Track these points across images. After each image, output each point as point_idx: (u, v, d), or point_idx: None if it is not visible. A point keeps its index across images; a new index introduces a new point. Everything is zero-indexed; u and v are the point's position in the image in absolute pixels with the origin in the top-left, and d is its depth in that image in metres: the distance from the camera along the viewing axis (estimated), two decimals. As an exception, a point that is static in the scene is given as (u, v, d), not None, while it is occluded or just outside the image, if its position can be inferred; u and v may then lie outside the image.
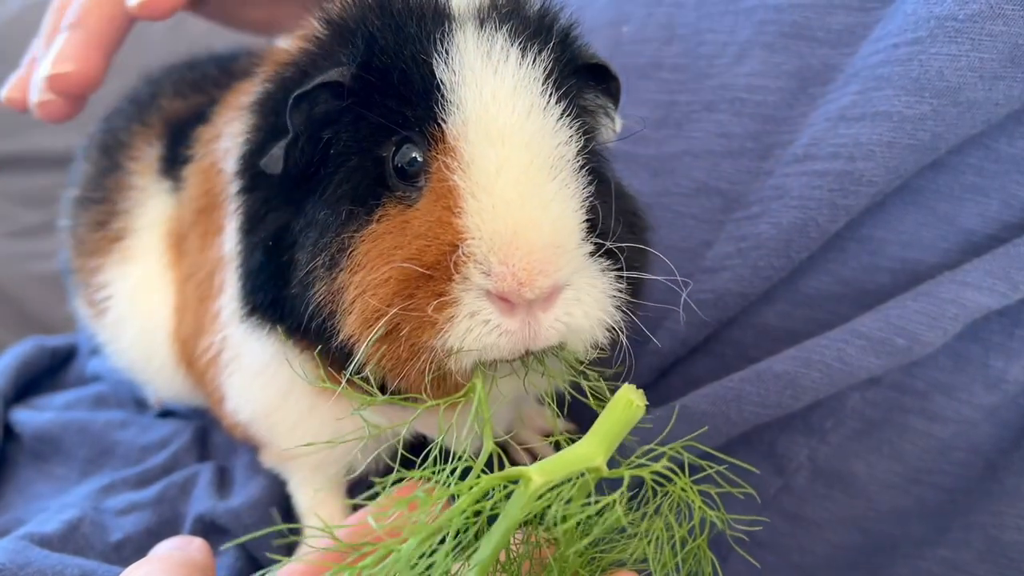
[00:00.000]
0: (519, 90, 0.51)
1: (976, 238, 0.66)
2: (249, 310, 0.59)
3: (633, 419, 0.48)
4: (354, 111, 0.54)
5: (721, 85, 0.77)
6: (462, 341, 0.49)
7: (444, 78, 0.52)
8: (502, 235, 0.48)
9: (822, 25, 0.73)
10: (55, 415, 0.91)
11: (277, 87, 0.59)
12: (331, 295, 0.52)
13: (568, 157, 0.52)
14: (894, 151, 0.64)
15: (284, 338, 0.58)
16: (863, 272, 0.69)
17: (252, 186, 0.60)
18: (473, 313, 0.49)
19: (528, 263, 0.48)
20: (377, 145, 0.53)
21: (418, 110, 0.52)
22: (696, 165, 0.76)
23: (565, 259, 0.50)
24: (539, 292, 0.49)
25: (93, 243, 0.84)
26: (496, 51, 0.52)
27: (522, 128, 0.51)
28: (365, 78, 0.53)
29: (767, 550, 0.70)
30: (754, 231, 0.70)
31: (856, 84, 0.68)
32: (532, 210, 0.49)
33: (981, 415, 0.64)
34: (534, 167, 0.50)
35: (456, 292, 0.49)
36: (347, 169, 0.54)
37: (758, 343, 0.72)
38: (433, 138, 0.52)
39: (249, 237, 0.59)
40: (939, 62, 0.62)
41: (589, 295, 0.52)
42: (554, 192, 0.50)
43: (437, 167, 0.51)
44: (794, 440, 0.69)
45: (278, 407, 0.68)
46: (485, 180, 0.50)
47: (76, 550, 0.73)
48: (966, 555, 0.64)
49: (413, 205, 0.52)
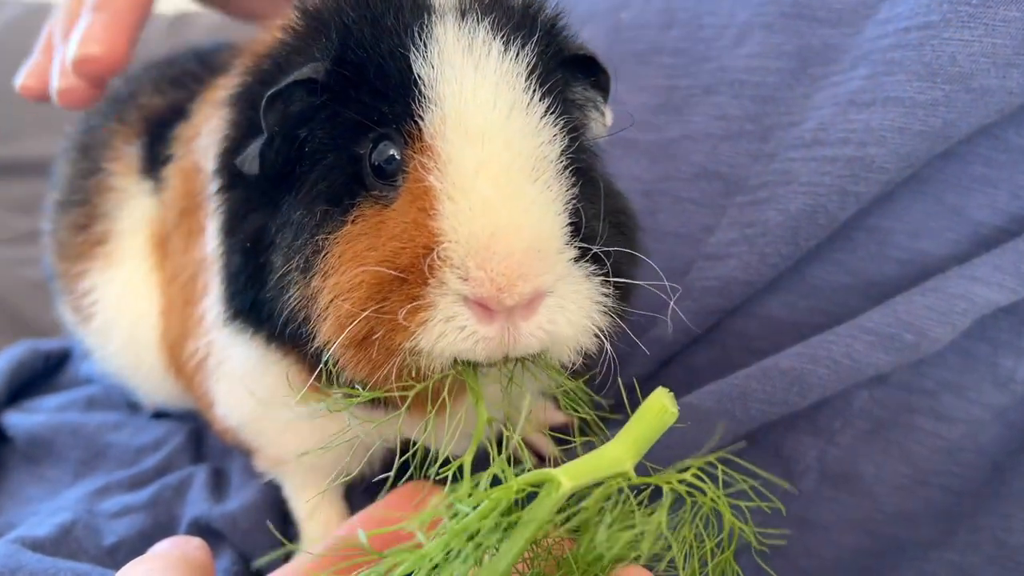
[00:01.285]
0: (501, 86, 0.49)
1: (984, 229, 0.65)
2: (231, 314, 0.57)
3: (665, 425, 0.47)
4: (329, 107, 0.52)
5: (720, 68, 0.75)
6: (434, 345, 0.47)
7: (422, 73, 0.49)
8: (479, 238, 0.46)
9: (823, 4, 0.71)
10: (47, 417, 0.90)
11: (255, 80, 0.57)
12: (305, 300, 0.51)
13: (551, 157, 0.50)
14: (905, 137, 0.62)
15: (266, 343, 0.56)
16: (870, 262, 0.67)
17: (231, 184, 0.58)
18: (448, 318, 0.47)
19: (507, 267, 0.46)
20: (354, 142, 0.51)
21: (395, 106, 0.50)
22: (696, 149, 0.75)
23: (546, 264, 0.48)
24: (519, 298, 0.47)
25: (75, 247, 0.82)
26: (477, 44, 0.50)
27: (503, 126, 0.48)
28: (340, 73, 0.51)
29: (773, 554, 0.69)
30: (761, 217, 0.69)
31: (865, 68, 0.66)
32: (512, 212, 0.47)
33: (990, 415, 0.63)
34: (515, 167, 0.48)
35: (431, 296, 0.47)
36: (323, 167, 0.52)
37: (762, 334, 0.71)
38: (410, 136, 0.49)
39: (230, 238, 0.57)
40: (952, 47, 0.61)
41: (573, 302, 0.50)
42: (535, 194, 0.48)
43: (414, 166, 0.49)
44: (801, 441, 0.68)
45: (265, 413, 0.66)
46: (462, 181, 0.47)
47: (69, 553, 0.72)
48: (974, 558, 0.63)
49: (390, 205, 0.50)
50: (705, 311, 0.71)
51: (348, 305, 0.48)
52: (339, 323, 0.48)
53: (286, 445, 0.69)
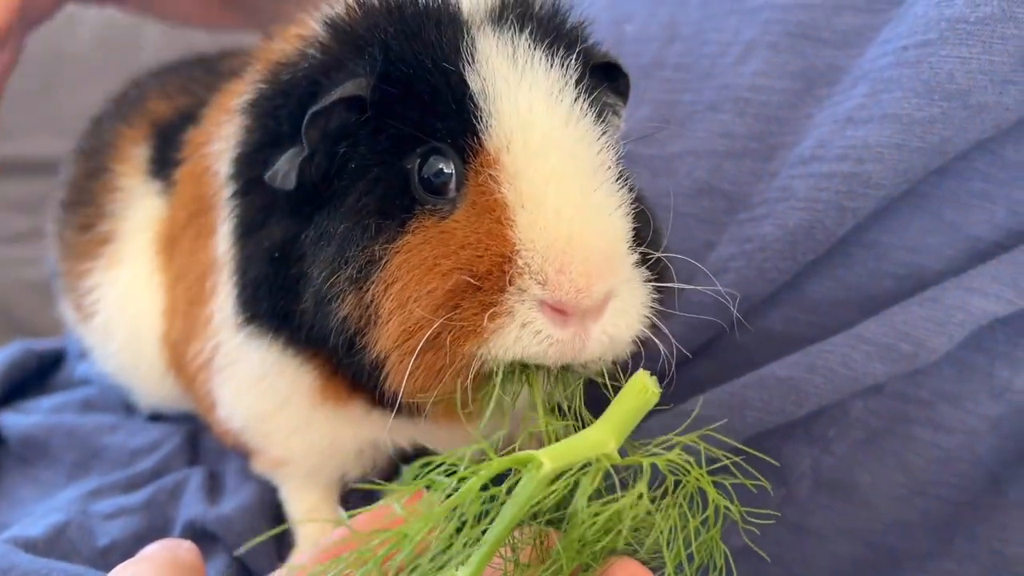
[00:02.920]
0: (555, 97, 0.51)
1: (982, 245, 0.65)
2: (248, 317, 0.58)
3: (647, 405, 0.47)
4: (373, 123, 0.53)
5: (724, 85, 0.76)
6: (508, 350, 0.49)
7: (475, 87, 0.51)
8: (557, 245, 0.48)
9: (828, 26, 0.72)
10: (42, 418, 0.89)
11: (272, 88, 0.58)
12: (361, 309, 0.51)
13: (608, 164, 0.52)
14: (903, 154, 0.63)
15: (283, 348, 0.57)
16: (868, 278, 0.68)
17: (247, 190, 0.58)
18: (525, 323, 0.49)
19: (585, 271, 0.48)
20: (399, 157, 0.52)
21: (448, 121, 0.51)
22: (698, 165, 0.76)
23: (620, 266, 0.50)
24: (596, 299, 0.49)
25: (80, 246, 0.82)
26: (521, 56, 0.52)
27: (564, 136, 0.50)
28: (385, 89, 0.52)
29: (769, 561, 0.69)
30: (759, 232, 0.69)
31: (864, 86, 0.67)
32: (585, 219, 0.49)
33: (986, 426, 0.64)
34: (581, 176, 0.50)
35: (509, 303, 0.49)
36: (367, 181, 0.53)
37: (761, 348, 0.71)
38: (469, 149, 0.51)
39: (245, 242, 0.58)
40: (949, 64, 0.62)
41: (632, 306, 0.52)
42: (603, 200, 0.51)
43: (479, 179, 0.50)
44: (797, 449, 0.68)
45: (274, 416, 0.67)
46: (534, 191, 0.49)
47: (62, 555, 0.71)
48: (971, 569, 0.64)
49: (448, 217, 0.51)
50: (703, 326, 0.70)
51: (420, 311, 0.49)
52: (406, 329, 0.49)
53: (293, 448, 0.69)
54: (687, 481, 0.47)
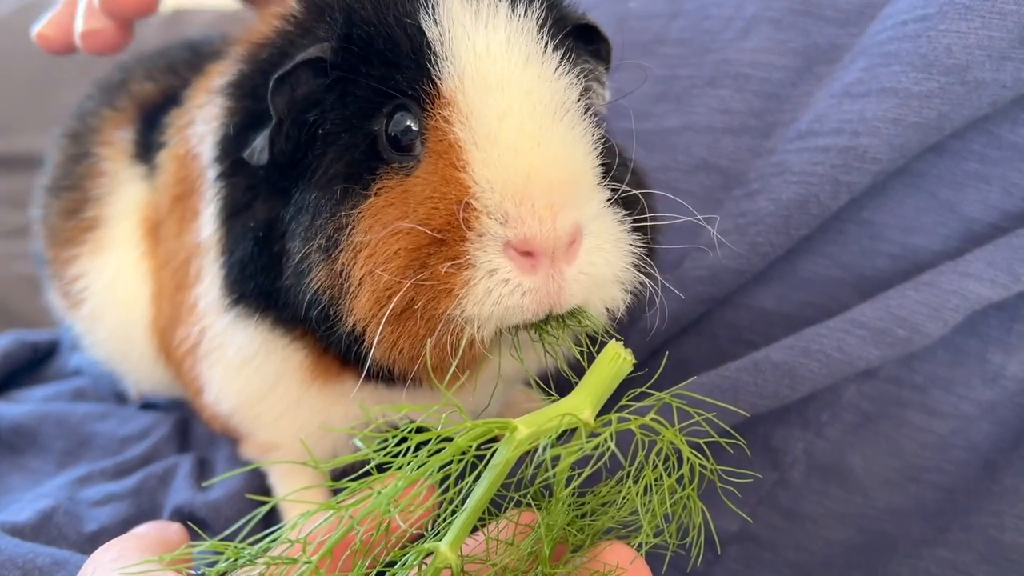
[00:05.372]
0: (513, 39, 0.49)
1: (977, 226, 0.64)
2: (235, 299, 0.57)
3: (622, 373, 0.46)
4: (339, 87, 0.52)
5: (724, 60, 0.75)
6: (482, 306, 0.46)
7: (432, 35, 0.49)
8: (514, 180, 0.46)
9: (831, 3, 0.71)
10: (33, 407, 0.89)
11: (252, 68, 0.57)
12: (332, 279, 0.50)
13: (571, 102, 0.50)
14: (899, 128, 0.62)
15: (271, 328, 0.56)
16: (862, 256, 0.67)
17: (231, 172, 0.58)
18: (492, 272, 0.46)
19: (548, 201, 0.46)
20: (367, 119, 0.51)
21: (408, 72, 0.50)
22: (696, 141, 0.75)
23: (585, 196, 0.47)
24: (563, 231, 0.46)
25: (66, 232, 0.81)
26: (484, 5, 0.50)
27: (520, 75, 0.48)
28: (348, 49, 0.51)
29: (763, 546, 0.68)
30: (753, 207, 0.69)
31: (862, 61, 0.66)
32: (543, 150, 0.47)
33: (980, 411, 0.63)
34: (538, 112, 0.48)
35: (471, 252, 0.46)
36: (337, 148, 0.51)
37: (753, 326, 0.70)
38: (427, 96, 0.49)
39: (230, 224, 0.57)
40: (948, 39, 0.61)
41: (608, 242, 0.49)
42: (563, 133, 0.48)
43: (434, 124, 0.49)
44: (790, 434, 0.67)
45: (263, 398, 0.66)
46: (488, 128, 0.47)
47: (49, 540, 0.71)
48: (966, 556, 0.63)
49: (411, 174, 0.49)
50: (695, 300, 0.70)
51: (387, 276, 0.47)
52: (377, 297, 0.47)
53: (283, 430, 0.68)
54: (661, 440, 0.46)
